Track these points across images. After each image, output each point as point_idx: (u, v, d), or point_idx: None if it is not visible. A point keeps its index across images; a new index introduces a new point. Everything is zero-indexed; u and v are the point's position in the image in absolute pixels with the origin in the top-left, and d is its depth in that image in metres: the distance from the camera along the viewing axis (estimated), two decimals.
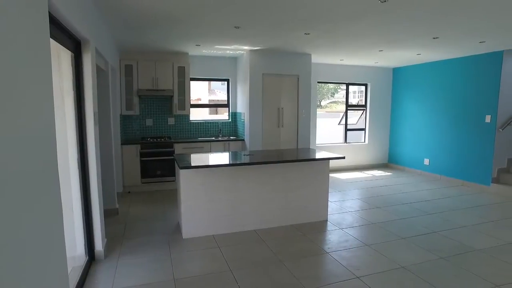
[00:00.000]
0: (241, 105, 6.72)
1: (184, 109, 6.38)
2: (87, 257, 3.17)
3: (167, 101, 6.58)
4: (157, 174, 6.08)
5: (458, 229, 4.21)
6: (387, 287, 2.87)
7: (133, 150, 5.90)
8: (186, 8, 3.52)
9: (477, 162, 6.32)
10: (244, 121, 6.53)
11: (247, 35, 4.84)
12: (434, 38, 4.87)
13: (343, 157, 4.32)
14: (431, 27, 4.24)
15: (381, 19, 3.86)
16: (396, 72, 8.19)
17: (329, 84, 8.74)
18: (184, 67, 6.30)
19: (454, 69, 6.70)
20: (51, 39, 1.94)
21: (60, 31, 2.39)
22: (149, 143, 6.02)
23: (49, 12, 1.85)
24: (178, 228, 4.20)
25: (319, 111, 8.00)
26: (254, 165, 4.08)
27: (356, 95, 9.73)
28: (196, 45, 5.62)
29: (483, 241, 3.85)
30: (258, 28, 4.42)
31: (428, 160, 7.36)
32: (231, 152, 5.53)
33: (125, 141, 6.02)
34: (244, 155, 4.56)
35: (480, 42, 5.17)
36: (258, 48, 5.91)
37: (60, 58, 2.79)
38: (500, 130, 5.94)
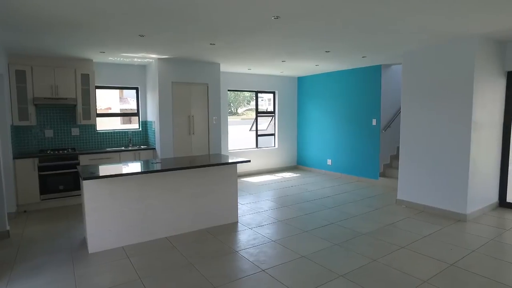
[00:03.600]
0: (151, 114, 6.63)
1: (90, 119, 6.04)
2: None
3: (70, 111, 6.15)
4: (60, 189, 5.62)
5: (351, 219, 4.82)
6: (287, 275, 3.19)
7: (29, 164, 5.37)
8: (82, 13, 3.42)
9: (368, 160, 7.26)
10: (154, 130, 6.45)
11: (153, 43, 4.85)
12: (326, 51, 5.51)
13: (249, 161, 4.61)
14: (322, 42, 4.80)
15: (277, 33, 4.26)
16: (300, 80, 8.95)
17: (245, 92, 9.12)
18: (89, 74, 5.98)
19: (346, 79, 7.62)
20: None
21: None
22: (50, 156, 5.55)
23: None
24: (84, 244, 3.98)
25: (235, 118, 8.32)
26: (164, 172, 4.11)
27: (271, 102, 10.28)
28: (101, 52, 5.41)
29: (368, 226, 4.49)
30: (163, 37, 4.48)
31: (331, 160, 8.19)
32: (141, 161, 5.43)
33: (18, 155, 5.45)
34: (153, 163, 4.54)
35: (363, 57, 6.02)
36: (167, 56, 5.94)
37: None
38: (383, 131, 6.95)
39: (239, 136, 9.92)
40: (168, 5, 3.19)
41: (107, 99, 8.59)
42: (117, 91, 7.37)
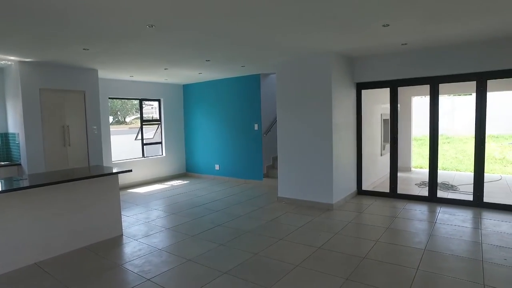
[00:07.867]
0: (14, 125, 5.78)
1: None
2: None
3: None
4: None
5: (236, 219, 5.11)
6: (172, 280, 3.23)
7: None
8: None
9: (252, 163, 7.77)
10: (19, 143, 5.65)
11: (10, 44, 4.28)
12: (206, 60, 5.72)
13: (130, 171, 4.46)
14: (200, 51, 4.98)
15: (154, 41, 4.27)
16: (186, 88, 9.02)
17: (133, 100, 8.66)
18: None
19: (229, 87, 8.02)
20: None
21: None
22: None
23: None
24: None
25: (123, 127, 7.84)
26: (31, 189, 3.66)
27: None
28: None
29: (252, 224, 4.84)
30: (24, 39, 4.01)
31: (218, 165, 8.45)
32: (1, 179, 4.69)
33: None
34: (16, 180, 3.99)
35: (242, 66, 6.46)
36: (31, 60, 5.29)
37: None
38: (264, 135, 7.55)
39: (126, 146, 9.39)
40: (27, 3, 2.90)
41: None
42: None
